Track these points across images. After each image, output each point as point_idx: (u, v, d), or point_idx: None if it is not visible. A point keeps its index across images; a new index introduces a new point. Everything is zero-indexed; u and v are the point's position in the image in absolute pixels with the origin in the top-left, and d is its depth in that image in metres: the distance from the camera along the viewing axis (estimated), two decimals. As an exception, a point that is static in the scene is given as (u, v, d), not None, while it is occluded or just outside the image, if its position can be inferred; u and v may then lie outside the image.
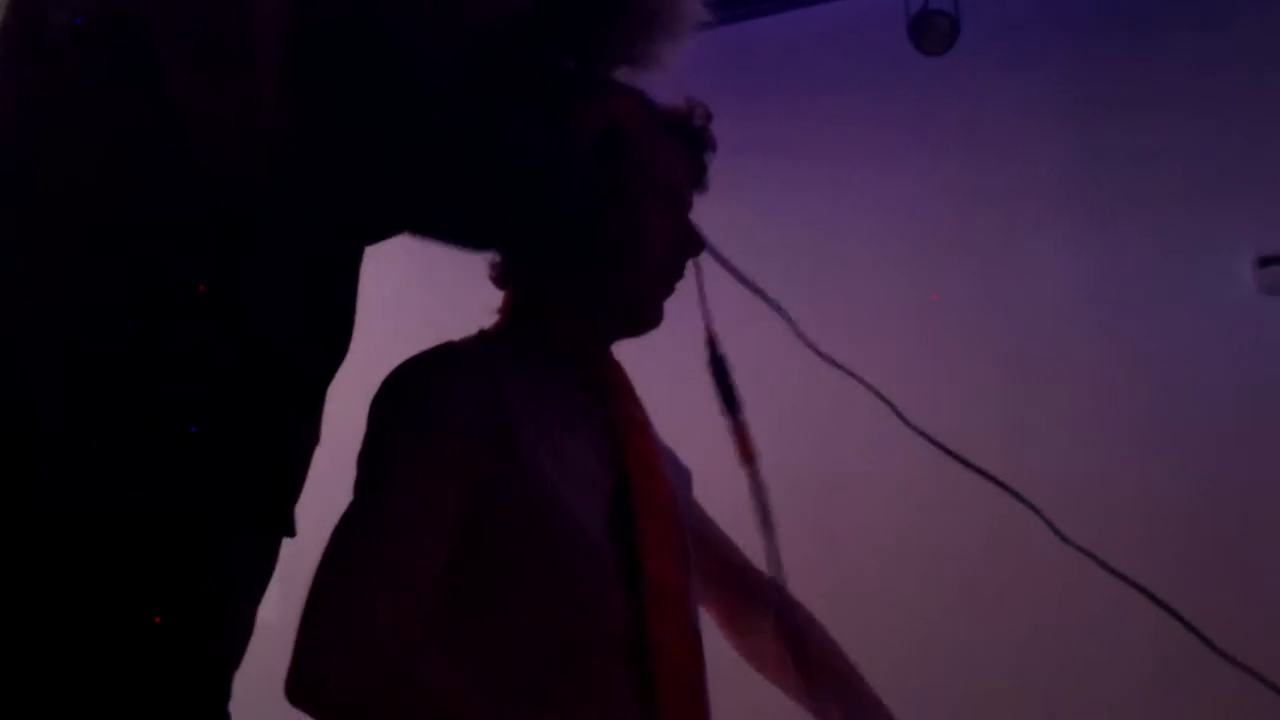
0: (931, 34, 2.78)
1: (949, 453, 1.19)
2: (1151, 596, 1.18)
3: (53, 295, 0.85)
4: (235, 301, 0.91)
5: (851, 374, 1.19)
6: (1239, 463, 2.62)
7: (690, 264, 1.18)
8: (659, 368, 1.35)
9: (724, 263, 1.17)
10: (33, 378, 0.84)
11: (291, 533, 1.03)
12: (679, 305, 1.19)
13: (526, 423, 1.05)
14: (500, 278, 1.18)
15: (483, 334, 1.17)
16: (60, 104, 0.87)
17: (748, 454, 1.13)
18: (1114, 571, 1.19)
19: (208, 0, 0.86)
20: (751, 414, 1.15)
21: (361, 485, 1.01)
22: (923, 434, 1.19)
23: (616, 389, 1.18)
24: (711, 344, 1.18)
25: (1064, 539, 1.21)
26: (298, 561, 1.03)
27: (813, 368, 1.19)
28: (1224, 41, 2.81)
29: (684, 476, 1.28)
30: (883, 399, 1.19)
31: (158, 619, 0.88)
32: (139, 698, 0.89)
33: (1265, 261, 2.70)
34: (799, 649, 1.27)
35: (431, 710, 0.92)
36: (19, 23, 0.90)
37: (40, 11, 0.88)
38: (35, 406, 0.84)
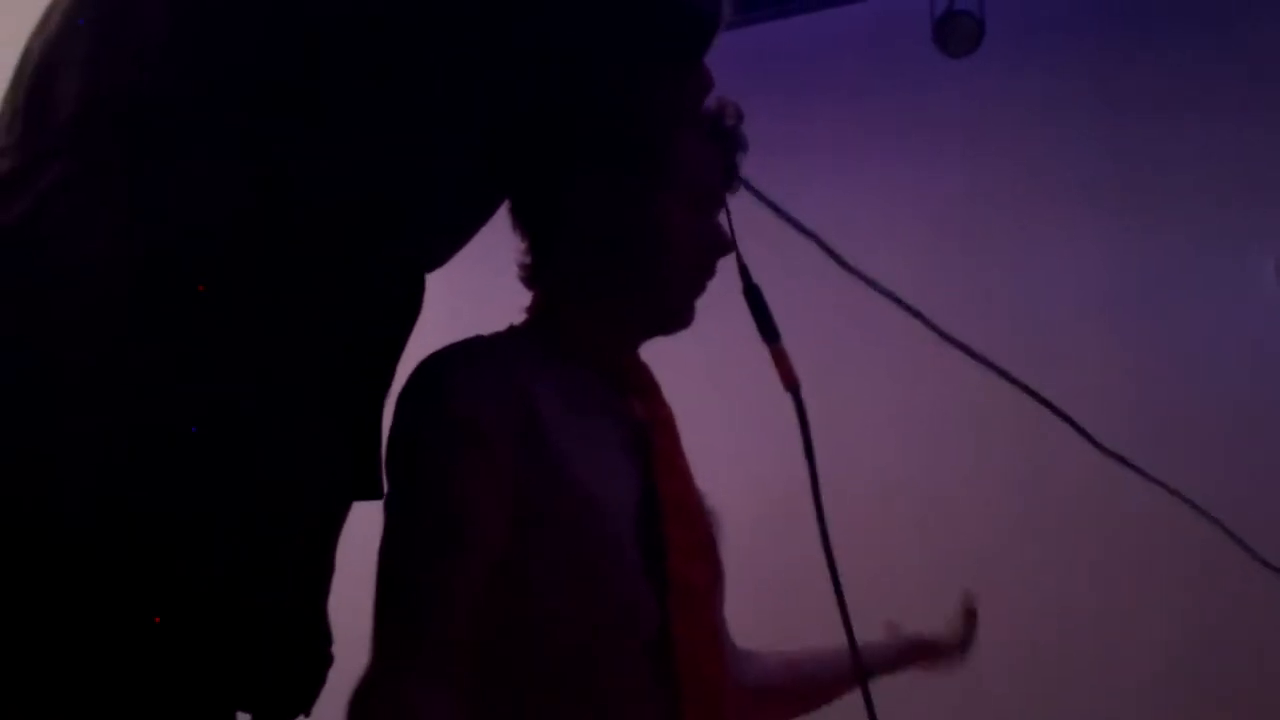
0: (956, 35, 2.77)
1: (988, 364, 1.19)
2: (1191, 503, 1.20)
3: (120, 262, 0.86)
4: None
5: (879, 287, 1.19)
6: (1259, 462, 2.60)
7: (713, 296, 1.18)
8: (688, 368, 1.35)
9: (754, 190, 1.17)
10: (43, 377, 0.84)
11: (379, 495, 1.04)
12: (710, 305, 1.19)
13: (553, 421, 1.05)
14: (529, 278, 1.18)
15: (511, 330, 1.16)
16: (147, 35, 0.89)
17: (790, 380, 1.14)
18: (1145, 474, 1.21)
19: None
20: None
21: (399, 500, 1.03)
22: (958, 344, 1.19)
23: (643, 389, 1.17)
24: (745, 274, 1.17)
25: (1099, 446, 1.22)
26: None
27: (819, 388, 1.19)
28: (1248, 42, 2.80)
29: None
30: (912, 311, 1.19)
31: (157, 619, 0.88)
32: (140, 699, 0.89)
33: (1289, 264, 2.69)
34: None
35: None
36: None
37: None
38: (45, 406, 0.84)
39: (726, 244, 1.16)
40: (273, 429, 0.92)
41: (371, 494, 1.03)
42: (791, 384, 1.13)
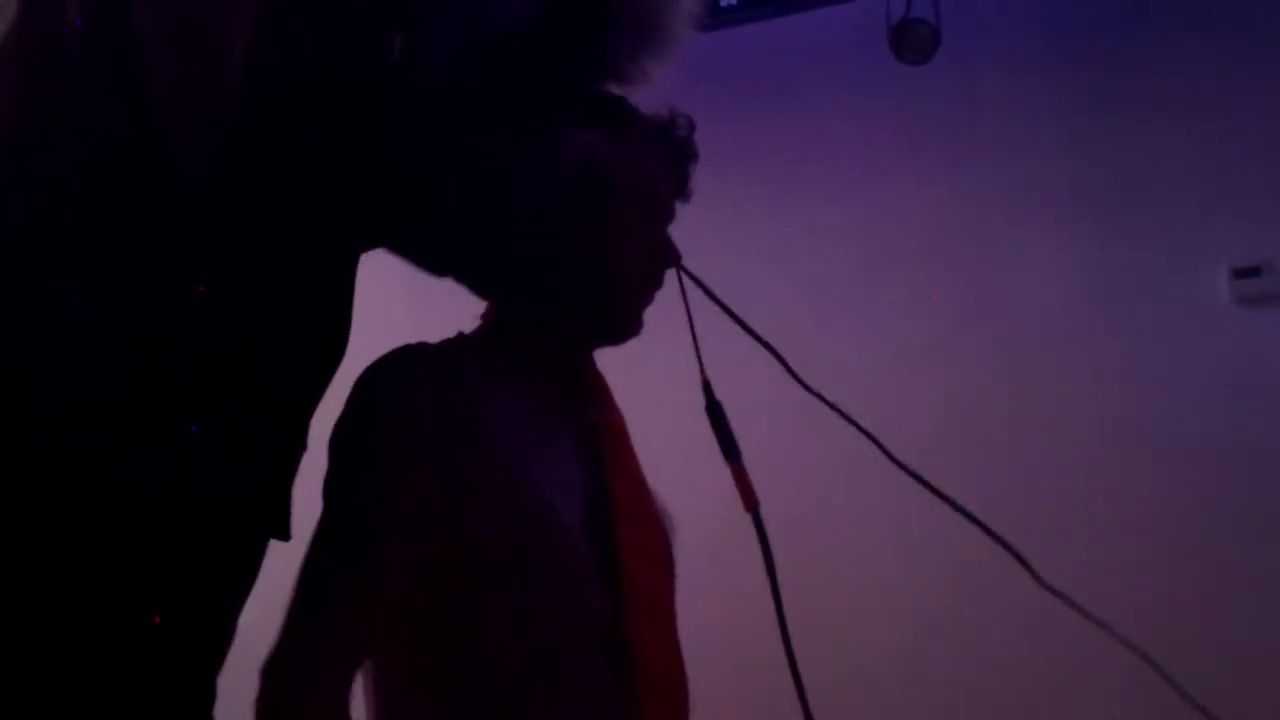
0: (912, 43, 2.79)
1: (932, 489, 1.19)
2: (1126, 642, 1.21)
3: (48, 296, 0.85)
4: (231, 304, 0.91)
5: (841, 412, 1.19)
6: (1213, 471, 2.64)
7: (682, 305, 1.18)
8: (641, 376, 1.35)
9: (716, 300, 1.17)
10: (33, 381, 0.84)
11: (287, 536, 1.02)
12: (664, 316, 1.19)
13: (497, 426, 1.05)
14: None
15: (460, 337, 1.16)
16: (60, 107, 0.87)
17: (750, 500, 1.14)
18: (1088, 615, 1.21)
19: None
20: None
21: (326, 491, 1.02)
22: (907, 469, 1.18)
23: (594, 395, 1.18)
24: (708, 390, 1.17)
25: (1042, 583, 1.22)
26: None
27: (801, 400, 1.19)
28: (1203, 53, 2.84)
29: None
30: (869, 436, 1.19)
31: (157, 619, 0.88)
32: (133, 699, 0.88)
33: (1240, 273, 2.72)
34: None
35: None
36: (28, 26, 0.90)
37: (53, 14, 0.88)
38: (37, 408, 0.83)
39: (673, 254, 1.17)
40: (203, 465, 0.91)
41: (280, 534, 1.03)
42: (751, 504, 1.13)
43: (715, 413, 1.16)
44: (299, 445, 1.03)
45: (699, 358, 1.16)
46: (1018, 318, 2.87)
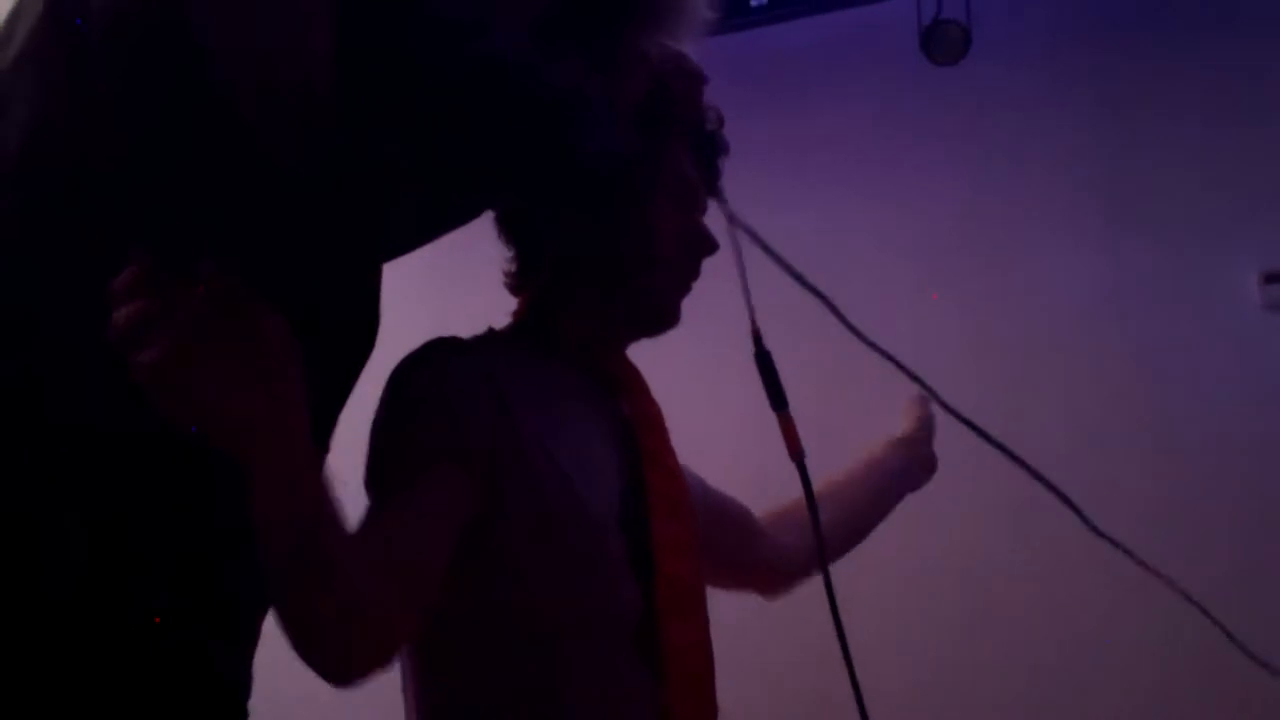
0: (943, 43, 2.78)
1: (989, 439, 1.20)
2: (1175, 587, 1.21)
3: (69, 292, 0.86)
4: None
5: (891, 358, 1.20)
6: (1243, 477, 2.62)
7: (732, 254, 1.17)
8: (678, 367, 1.35)
9: (765, 248, 1.16)
10: (41, 375, 0.84)
11: None
12: (700, 306, 1.19)
13: (531, 417, 1.05)
14: (515, 285, 1.19)
15: (491, 332, 1.17)
16: (89, 97, 0.88)
17: (795, 449, 1.14)
18: (1139, 560, 1.22)
19: None
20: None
21: (367, 485, 1.03)
22: (964, 419, 1.20)
23: (630, 387, 1.18)
24: (757, 339, 1.17)
25: (1095, 530, 1.23)
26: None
27: (847, 353, 1.20)
28: (1234, 55, 2.82)
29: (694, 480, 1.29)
30: (921, 383, 1.20)
31: (157, 619, 0.88)
32: (145, 698, 0.89)
33: (1271, 278, 2.70)
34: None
35: None
36: (54, 15, 0.90)
37: (74, 14, 0.89)
38: (42, 404, 0.84)
39: (711, 243, 1.16)
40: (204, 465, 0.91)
41: None
42: (797, 453, 1.13)
43: (764, 361, 1.16)
44: (321, 449, 1.03)
45: (749, 306, 1.16)
46: (1041, 324, 2.86)
